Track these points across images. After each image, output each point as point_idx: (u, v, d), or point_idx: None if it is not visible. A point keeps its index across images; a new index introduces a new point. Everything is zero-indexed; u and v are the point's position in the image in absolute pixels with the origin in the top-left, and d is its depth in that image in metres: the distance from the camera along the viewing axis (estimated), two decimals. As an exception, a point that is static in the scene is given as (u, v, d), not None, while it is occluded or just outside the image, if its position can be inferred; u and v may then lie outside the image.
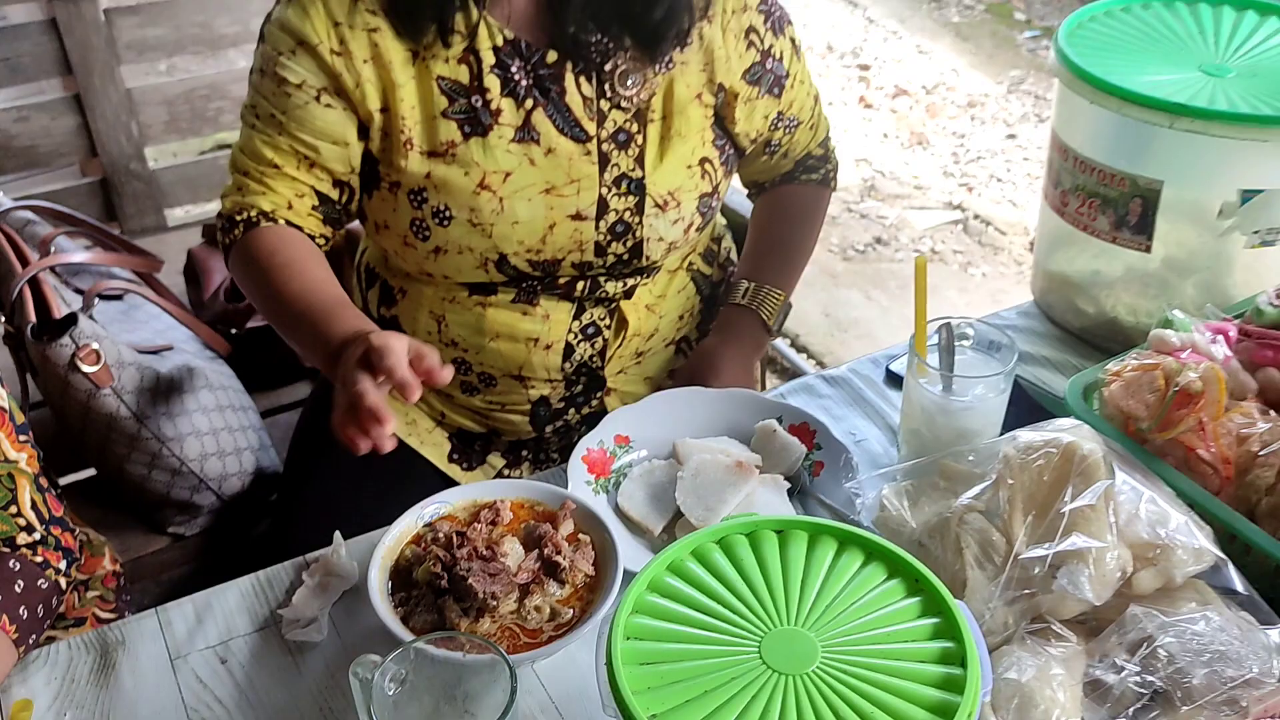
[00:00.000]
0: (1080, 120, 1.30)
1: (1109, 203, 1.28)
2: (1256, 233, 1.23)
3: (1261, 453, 1.02)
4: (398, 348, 0.97)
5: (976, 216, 3.58)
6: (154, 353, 1.56)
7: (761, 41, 1.30)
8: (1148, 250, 1.28)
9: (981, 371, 1.10)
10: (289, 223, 1.23)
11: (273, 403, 1.78)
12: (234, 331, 1.76)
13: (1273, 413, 1.07)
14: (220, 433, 1.55)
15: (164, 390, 1.50)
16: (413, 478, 1.38)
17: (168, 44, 2.17)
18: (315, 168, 1.23)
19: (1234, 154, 1.20)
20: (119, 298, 1.67)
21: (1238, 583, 0.92)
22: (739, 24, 1.28)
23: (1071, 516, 0.92)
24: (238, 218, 1.23)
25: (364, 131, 1.23)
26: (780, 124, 1.37)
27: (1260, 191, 1.20)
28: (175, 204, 2.34)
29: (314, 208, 1.25)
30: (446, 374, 0.99)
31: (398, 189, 1.23)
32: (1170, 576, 0.93)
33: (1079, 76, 1.26)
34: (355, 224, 1.37)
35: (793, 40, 1.34)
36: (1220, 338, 1.13)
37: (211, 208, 2.52)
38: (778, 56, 1.32)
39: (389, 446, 0.97)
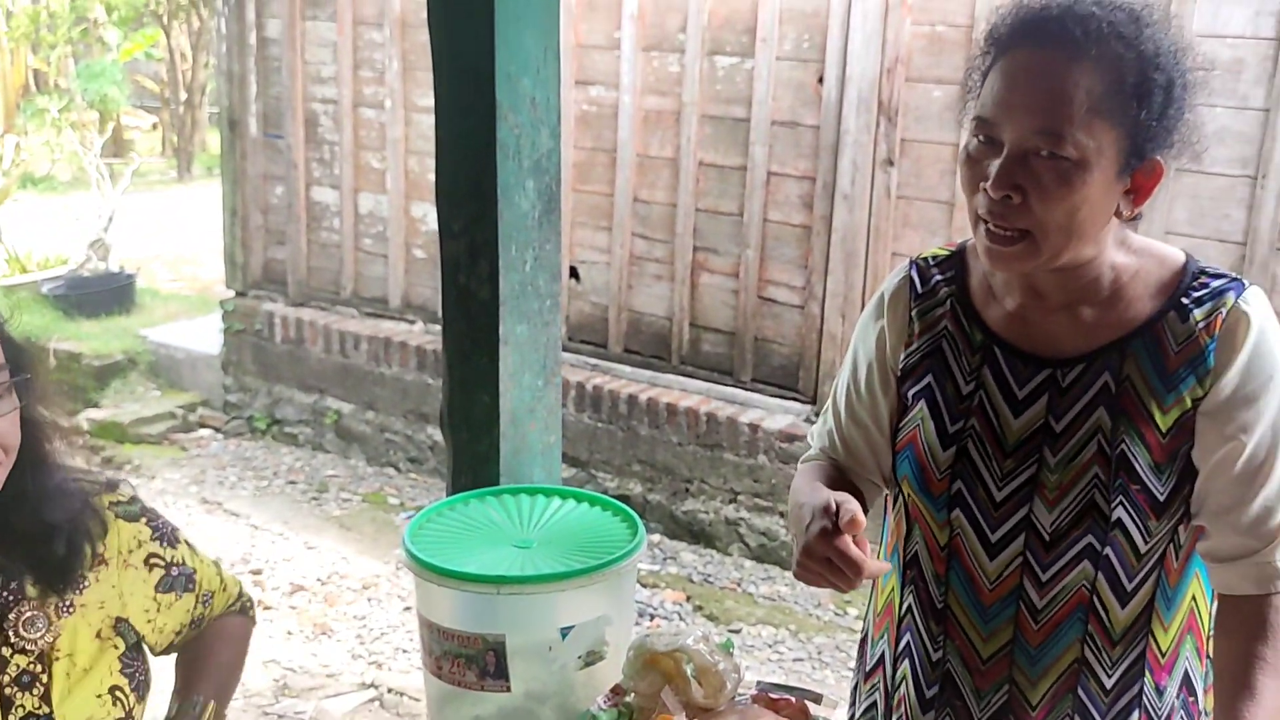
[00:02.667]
0: (434, 599, 1.63)
1: (471, 659, 1.59)
2: (580, 657, 1.62)
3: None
4: None
5: (390, 690, 3.80)
6: None
7: (163, 558, 1.47)
8: (509, 690, 1.60)
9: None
10: None
11: None
12: None
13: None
14: None
15: None
16: None
17: None
18: None
19: (546, 603, 1.59)
20: None
21: None
22: (138, 558, 1.44)
23: None
24: None
25: None
26: (200, 603, 1.53)
27: (573, 627, 1.60)
28: None
29: None
30: None
31: None
32: None
33: (425, 568, 1.61)
34: None
35: (186, 543, 1.53)
36: (572, 745, 1.46)
37: None
38: (180, 561, 1.49)
39: None
